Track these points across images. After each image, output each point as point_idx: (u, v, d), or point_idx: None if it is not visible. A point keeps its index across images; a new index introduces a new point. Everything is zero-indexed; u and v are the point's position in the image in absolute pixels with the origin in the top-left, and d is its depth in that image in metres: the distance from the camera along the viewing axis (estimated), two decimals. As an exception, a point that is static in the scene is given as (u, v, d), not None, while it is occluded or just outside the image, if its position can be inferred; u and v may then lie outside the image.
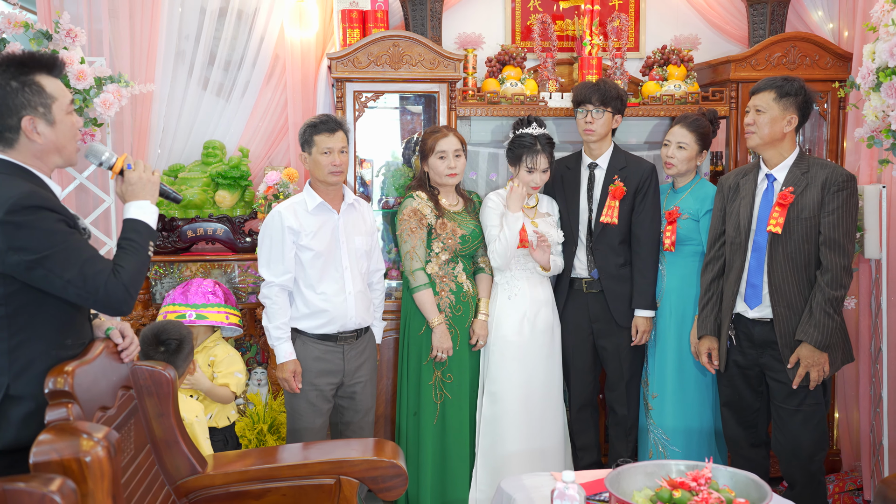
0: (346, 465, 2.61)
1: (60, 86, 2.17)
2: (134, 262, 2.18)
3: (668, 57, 4.09)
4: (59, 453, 1.79)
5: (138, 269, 2.19)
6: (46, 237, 2.03)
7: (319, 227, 3.26)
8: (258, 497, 2.57)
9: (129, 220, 2.26)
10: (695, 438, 3.56)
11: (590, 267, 3.66)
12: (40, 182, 2.15)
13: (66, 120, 2.17)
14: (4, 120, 2.09)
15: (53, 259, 2.03)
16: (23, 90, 2.08)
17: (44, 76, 2.13)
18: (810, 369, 3.08)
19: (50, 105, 2.12)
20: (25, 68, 2.09)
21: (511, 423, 3.57)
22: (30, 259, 2.01)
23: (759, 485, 2.21)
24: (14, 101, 2.08)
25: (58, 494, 1.58)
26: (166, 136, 4.08)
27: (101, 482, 1.81)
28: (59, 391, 1.95)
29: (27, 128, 2.10)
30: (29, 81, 2.09)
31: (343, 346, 3.31)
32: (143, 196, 2.29)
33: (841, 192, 3.07)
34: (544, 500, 2.44)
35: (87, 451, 1.81)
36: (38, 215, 2.03)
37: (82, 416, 1.98)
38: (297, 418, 3.31)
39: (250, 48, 4.10)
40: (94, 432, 1.87)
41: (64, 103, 2.16)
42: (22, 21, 3.34)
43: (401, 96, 4.16)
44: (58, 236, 2.05)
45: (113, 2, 3.89)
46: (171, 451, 2.47)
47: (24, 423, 2.05)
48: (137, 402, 2.40)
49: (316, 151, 3.23)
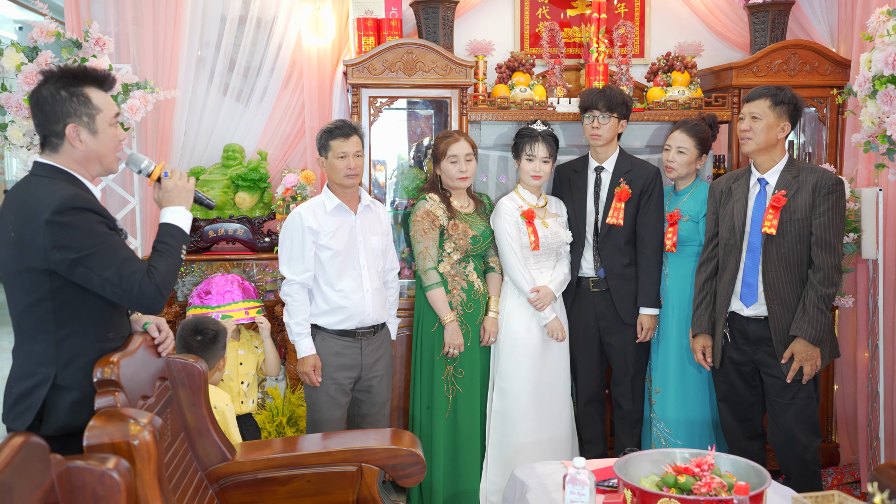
0: (367, 453, 2.75)
1: (108, 100, 2.31)
2: (167, 263, 2.31)
3: (672, 63, 4.21)
4: (110, 437, 1.93)
5: (171, 270, 2.32)
6: (88, 237, 2.16)
7: (337, 228, 3.39)
8: (284, 483, 2.71)
9: (164, 225, 2.39)
10: (696, 431, 3.69)
11: (596, 266, 3.79)
12: (82, 186, 2.29)
13: (108, 131, 2.30)
14: (52, 125, 2.23)
15: (93, 258, 2.16)
16: (70, 100, 2.22)
17: (93, 89, 2.26)
18: (804, 363, 3.22)
19: (94, 115, 2.26)
20: (77, 80, 2.23)
21: (520, 416, 3.69)
22: (72, 257, 2.14)
23: (759, 471, 2.35)
24: (62, 108, 2.22)
25: (115, 472, 1.72)
26: (188, 140, 4.23)
27: (148, 464, 1.95)
28: (107, 380, 2.10)
29: (70, 134, 2.24)
30: (77, 92, 2.23)
31: (361, 341, 3.44)
32: (179, 202, 2.42)
33: (830, 195, 3.22)
34: (556, 486, 2.58)
35: (135, 435, 1.95)
36: (80, 216, 2.16)
37: (127, 403, 2.12)
38: (316, 410, 3.44)
39: (269, 55, 4.24)
40: (139, 418, 2.01)
41: (108, 115, 2.29)
42: (54, 31, 3.48)
43: (414, 101, 4.29)
44: (98, 237, 2.18)
45: (137, 10, 4.04)
46: (202, 439, 2.61)
47: (72, 411, 2.19)
48: (172, 393, 2.54)
49: (332, 155, 3.36)
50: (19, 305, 2.23)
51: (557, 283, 3.72)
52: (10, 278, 2.22)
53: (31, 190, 2.22)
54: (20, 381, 2.23)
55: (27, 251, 2.15)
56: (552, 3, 4.46)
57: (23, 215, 2.17)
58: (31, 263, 2.16)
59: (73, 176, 2.27)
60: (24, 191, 2.24)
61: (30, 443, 1.55)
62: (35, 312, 2.20)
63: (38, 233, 2.13)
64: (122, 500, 1.72)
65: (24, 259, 2.16)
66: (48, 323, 2.20)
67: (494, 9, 4.43)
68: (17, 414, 2.20)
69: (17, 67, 3.43)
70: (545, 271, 3.75)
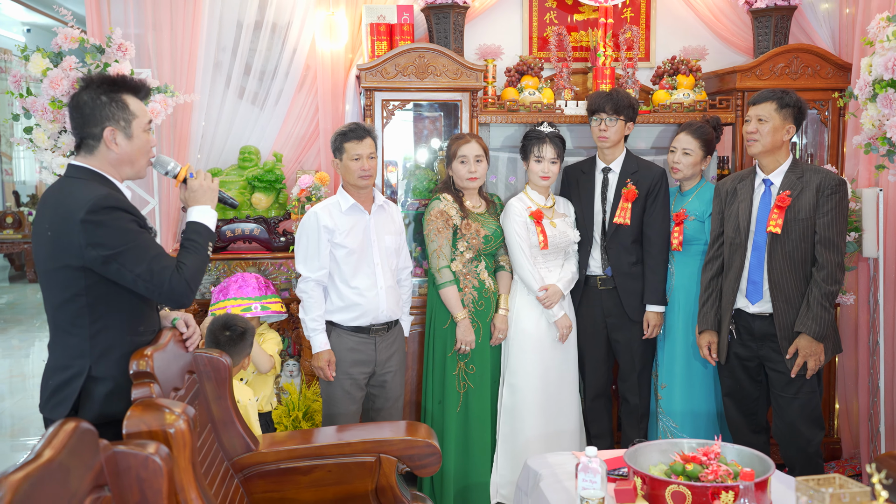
0: (385, 444, 2.85)
1: (143, 107, 2.42)
2: (195, 260, 2.41)
3: (677, 67, 4.31)
4: (147, 425, 2.04)
5: (199, 266, 2.42)
6: (121, 235, 2.26)
7: (352, 227, 3.49)
8: (306, 473, 2.81)
9: (190, 223, 2.49)
10: (702, 423, 3.79)
11: (604, 265, 3.88)
12: (114, 186, 2.39)
13: (142, 136, 2.41)
14: (90, 128, 2.34)
15: (126, 255, 2.26)
16: (109, 104, 2.33)
17: (130, 96, 2.37)
18: (808, 359, 3.32)
19: (130, 121, 2.37)
20: (116, 87, 2.34)
21: (530, 411, 3.79)
22: (106, 254, 2.24)
23: (763, 459, 2.45)
24: (101, 112, 2.33)
25: (157, 456, 1.82)
26: (205, 142, 4.34)
27: (183, 451, 2.05)
28: (143, 372, 2.20)
29: (108, 138, 2.35)
30: (116, 98, 2.34)
31: (375, 337, 3.54)
32: (204, 201, 2.52)
33: (834, 196, 3.31)
34: (567, 475, 2.68)
35: (171, 424, 2.05)
36: (113, 215, 2.27)
37: (161, 395, 2.22)
38: (332, 404, 3.54)
39: (283, 59, 4.35)
40: (174, 407, 2.11)
41: (143, 122, 2.40)
42: (78, 37, 3.59)
43: (425, 104, 4.40)
44: (130, 234, 2.29)
45: (156, 16, 4.14)
46: (227, 430, 2.72)
47: (106, 401, 2.30)
48: (199, 386, 2.64)
49: (346, 158, 3.46)
50: (55, 301, 2.33)
51: (566, 281, 3.82)
52: (47, 275, 2.32)
53: (66, 191, 2.32)
54: (57, 373, 2.33)
55: (63, 249, 2.26)
56: (560, 7, 4.56)
57: (59, 215, 2.27)
58: (67, 261, 2.26)
59: (105, 177, 2.38)
60: (59, 191, 2.35)
61: (81, 428, 1.65)
62: (70, 308, 2.30)
63: (74, 231, 2.23)
64: (164, 483, 1.83)
65: (61, 256, 2.26)
66: (83, 318, 2.30)
67: (503, 14, 4.54)
68: (55, 404, 2.31)
69: (43, 72, 3.54)
70: (554, 270, 3.85)
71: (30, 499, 1.38)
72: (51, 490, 1.47)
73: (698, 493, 2.25)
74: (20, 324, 8.30)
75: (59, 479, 1.51)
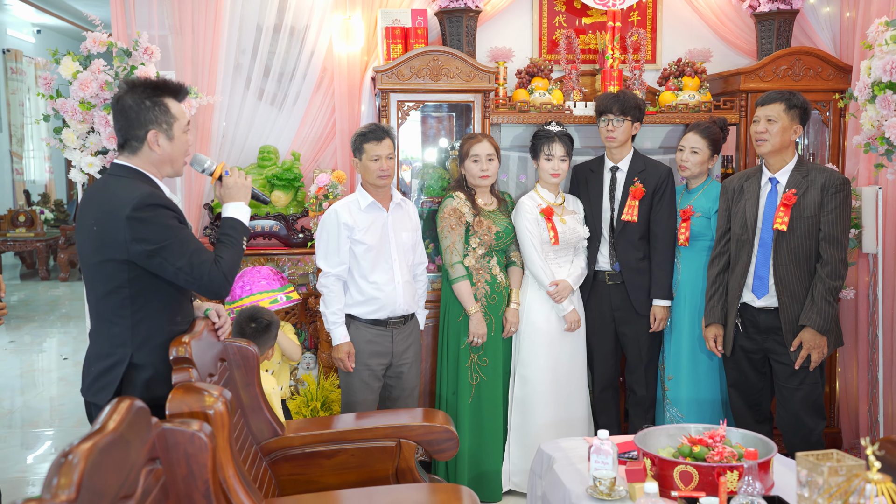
0: (405, 429, 2.99)
1: (182, 109, 2.55)
2: (231, 253, 2.55)
3: (682, 69, 4.43)
4: (188, 406, 2.17)
5: (235, 259, 2.56)
6: (163, 231, 2.40)
7: (371, 224, 3.62)
8: (330, 457, 2.95)
9: (226, 219, 2.63)
10: (707, 410, 3.91)
11: (612, 260, 4.01)
12: (155, 185, 2.53)
13: (182, 137, 2.54)
14: (134, 130, 2.47)
15: (168, 249, 2.40)
16: (153, 108, 2.47)
17: (170, 99, 2.51)
18: (811, 351, 3.44)
19: (172, 123, 2.50)
20: (158, 91, 2.47)
21: (540, 402, 3.92)
22: (149, 249, 2.38)
23: (766, 442, 2.59)
24: (145, 116, 2.46)
25: (202, 433, 1.96)
26: (225, 142, 4.48)
27: (222, 431, 2.19)
28: (182, 358, 2.34)
29: (151, 140, 2.48)
30: (159, 102, 2.47)
31: (392, 330, 3.67)
32: (238, 198, 2.65)
33: (838, 194, 3.43)
34: (580, 458, 2.82)
35: (211, 405, 2.19)
36: (156, 212, 2.41)
37: (199, 379, 2.36)
38: (351, 394, 3.67)
39: (301, 61, 4.49)
40: (212, 391, 2.25)
41: (182, 123, 2.54)
42: (106, 41, 3.73)
43: (439, 105, 4.53)
44: (172, 230, 2.43)
45: (179, 20, 4.29)
46: (255, 415, 2.86)
47: (147, 386, 2.44)
48: (229, 373, 2.78)
49: (366, 158, 3.59)
50: (99, 292, 2.47)
51: (575, 276, 3.95)
52: (92, 268, 2.46)
53: (110, 188, 2.46)
54: (99, 361, 2.47)
55: (108, 243, 2.39)
56: (569, 11, 4.69)
57: (104, 211, 2.41)
58: (112, 255, 2.40)
59: (147, 176, 2.51)
60: (103, 189, 2.48)
61: (135, 405, 1.79)
62: (113, 299, 2.44)
63: (119, 227, 2.36)
64: (209, 458, 1.97)
65: (106, 251, 2.40)
66: (125, 308, 2.44)
67: (514, 17, 4.66)
68: (98, 389, 2.45)
69: (73, 75, 3.68)
70: (564, 265, 3.98)
71: (99, 465, 1.52)
72: (116, 458, 1.61)
73: (705, 473, 2.39)
74: (32, 321, 8.44)
75: (121, 450, 1.65)
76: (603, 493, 2.48)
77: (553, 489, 2.73)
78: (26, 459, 4.68)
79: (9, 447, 4.87)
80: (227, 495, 2.12)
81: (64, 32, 13.09)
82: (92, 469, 1.50)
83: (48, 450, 4.85)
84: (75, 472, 1.45)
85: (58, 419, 5.36)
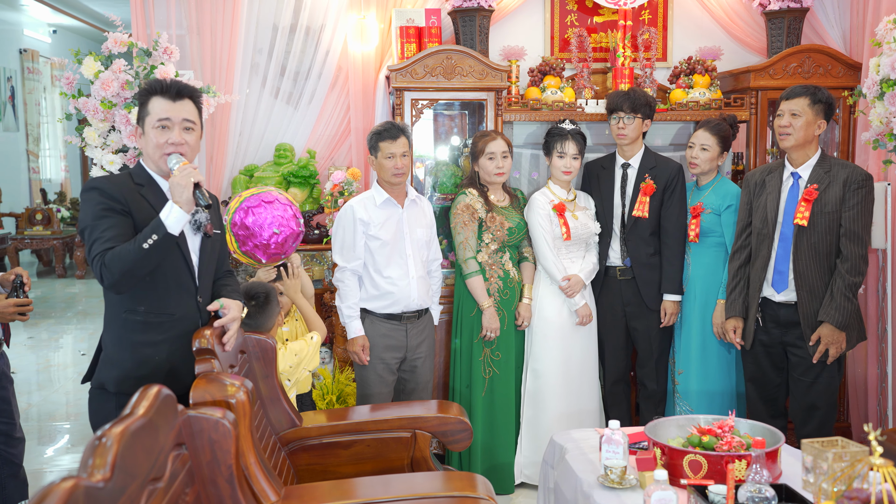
0: (420, 420, 3.05)
1: (161, 105, 2.51)
2: (124, 250, 2.34)
3: (693, 67, 4.48)
4: (211, 395, 2.24)
5: (124, 256, 2.33)
6: (86, 215, 2.41)
7: (386, 220, 3.68)
8: (346, 447, 3.01)
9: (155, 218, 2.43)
10: (717, 401, 3.95)
11: (623, 256, 4.07)
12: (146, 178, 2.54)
13: (150, 133, 2.52)
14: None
15: (84, 233, 2.41)
16: (141, 108, 2.57)
17: (158, 97, 2.52)
18: (830, 346, 3.46)
19: (144, 119, 2.55)
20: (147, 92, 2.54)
21: (552, 396, 3.98)
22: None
23: (774, 432, 2.64)
24: (138, 115, 2.58)
25: (225, 420, 2.03)
26: (242, 140, 4.57)
27: (243, 419, 2.26)
28: (205, 349, 2.41)
29: (135, 134, 2.61)
30: (145, 101, 2.54)
31: (406, 324, 3.73)
32: (175, 197, 2.42)
33: (860, 190, 3.43)
34: (591, 448, 2.87)
35: (233, 395, 2.26)
36: (88, 195, 2.43)
37: (221, 370, 2.44)
38: (366, 387, 3.73)
39: (317, 61, 4.57)
40: (234, 380, 2.32)
41: (153, 120, 2.51)
42: (126, 41, 3.81)
43: (451, 103, 4.59)
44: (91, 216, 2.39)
45: (197, 21, 4.37)
46: (274, 406, 2.93)
47: (105, 367, 2.54)
48: (249, 365, 2.85)
49: (381, 156, 3.64)
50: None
51: (587, 271, 4.01)
52: None
53: None
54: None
55: None
56: (580, 10, 4.74)
57: None
58: None
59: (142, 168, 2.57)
60: None
61: (162, 392, 1.86)
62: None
63: None
64: (233, 444, 2.04)
65: None
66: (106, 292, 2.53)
67: (526, 16, 4.72)
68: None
69: (95, 75, 3.76)
70: (576, 261, 4.03)
71: (131, 448, 1.59)
72: (146, 442, 1.68)
73: (713, 462, 2.44)
74: (50, 317, 8.55)
75: (151, 434, 1.72)
76: (614, 481, 2.53)
77: (565, 478, 2.79)
78: (45, 452, 4.78)
79: (28, 440, 4.92)
80: (249, 481, 2.20)
81: (80, 32, 13.23)
82: (124, 451, 1.57)
83: (66, 443, 4.95)
84: (109, 454, 1.52)
85: (74, 413, 5.47)
